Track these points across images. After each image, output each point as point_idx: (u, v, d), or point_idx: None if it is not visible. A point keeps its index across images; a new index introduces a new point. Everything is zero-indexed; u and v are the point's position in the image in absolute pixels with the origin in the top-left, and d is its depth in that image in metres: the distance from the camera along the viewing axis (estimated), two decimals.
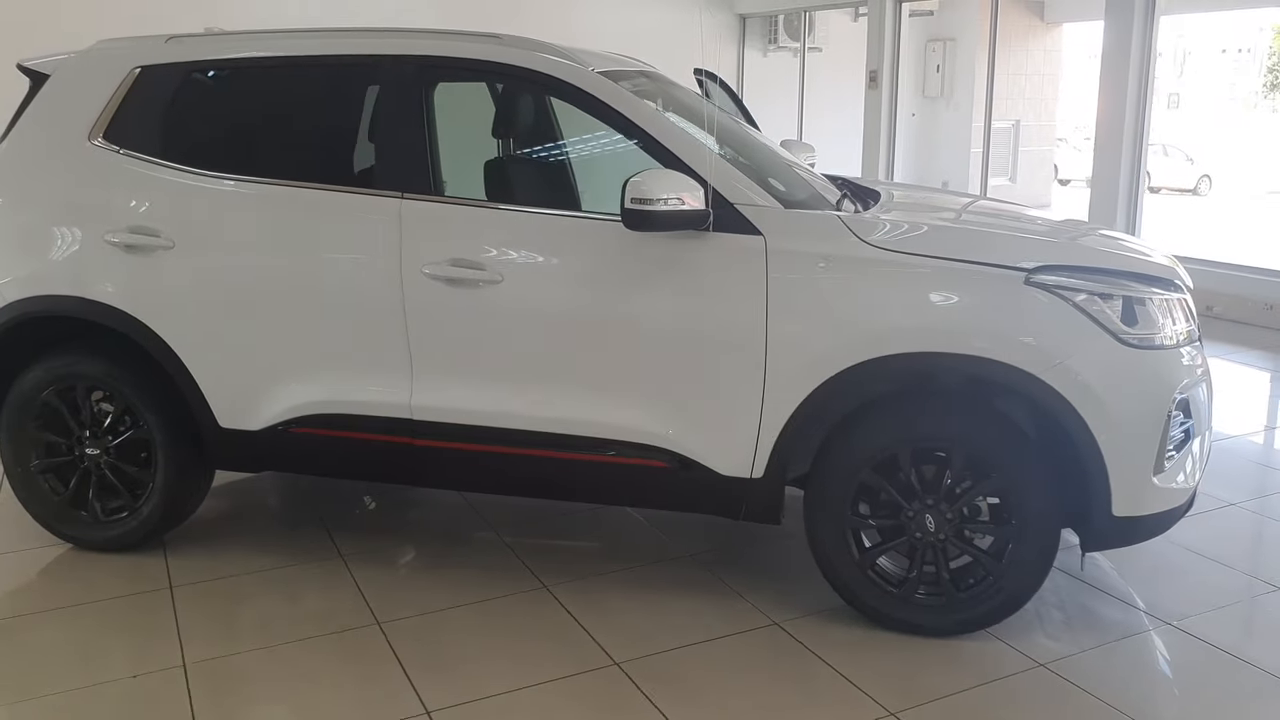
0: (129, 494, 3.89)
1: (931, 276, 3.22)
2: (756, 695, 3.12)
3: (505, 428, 3.52)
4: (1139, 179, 8.43)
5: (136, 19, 9.08)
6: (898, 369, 3.24)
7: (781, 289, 3.25)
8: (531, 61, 3.56)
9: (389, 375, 3.57)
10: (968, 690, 3.15)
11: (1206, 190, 22.60)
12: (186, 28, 4.09)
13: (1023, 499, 3.25)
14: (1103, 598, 3.74)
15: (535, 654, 3.32)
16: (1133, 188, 8.42)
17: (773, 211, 3.35)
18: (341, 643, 3.37)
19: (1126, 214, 8.43)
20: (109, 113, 3.80)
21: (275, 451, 3.76)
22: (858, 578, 3.43)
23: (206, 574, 3.81)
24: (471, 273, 3.44)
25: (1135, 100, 8.30)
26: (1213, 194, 22.42)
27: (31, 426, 3.88)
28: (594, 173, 4.24)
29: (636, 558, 4.00)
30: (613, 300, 3.40)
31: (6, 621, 3.49)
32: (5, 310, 3.80)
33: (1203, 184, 22.65)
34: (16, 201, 3.86)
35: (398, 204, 3.51)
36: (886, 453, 3.32)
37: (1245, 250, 10.51)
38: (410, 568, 3.94)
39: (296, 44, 3.79)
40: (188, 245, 3.65)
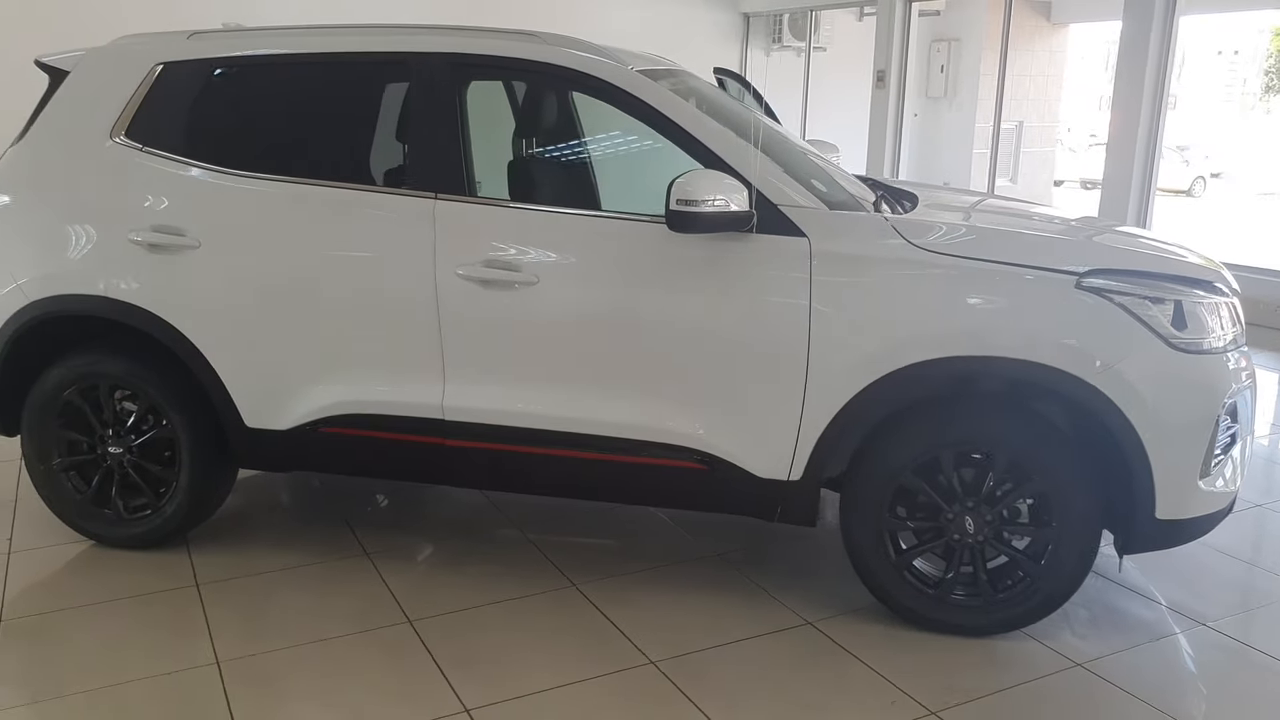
0: (152, 492, 3.86)
1: (981, 280, 3.19)
2: (795, 694, 3.10)
3: (540, 429, 3.49)
4: (1151, 181, 8.43)
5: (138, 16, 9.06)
6: (944, 373, 3.21)
7: (826, 291, 3.23)
8: (571, 60, 3.53)
9: (421, 375, 3.54)
10: (1007, 690, 3.13)
11: (1201, 192, 22.67)
12: (187, 25, 4.06)
13: (1065, 502, 3.23)
14: (1135, 598, 3.74)
15: (570, 652, 3.29)
16: (1144, 189, 8.42)
17: (817, 213, 3.32)
18: (375, 640, 3.34)
19: (1137, 215, 8.44)
20: (130, 110, 3.76)
21: (303, 451, 3.73)
22: (894, 579, 3.42)
23: (232, 571, 3.78)
24: (506, 274, 3.41)
25: (1151, 101, 8.30)
26: (1207, 195, 22.49)
27: (54, 425, 3.85)
28: (627, 173, 4.23)
29: (663, 556, 3.98)
30: (651, 302, 3.36)
31: (35, 619, 3.45)
32: (27, 309, 3.75)
33: (1197, 185, 22.73)
34: (36, 199, 3.81)
35: (431, 204, 3.48)
36: (929, 455, 3.31)
37: (1243, 251, 10.52)
38: (437, 565, 3.91)
39: (326, 40, 3.74)
40: (215, 244, 3.61)
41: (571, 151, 4.35)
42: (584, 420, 3.46)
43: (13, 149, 3.90)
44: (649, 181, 3.97)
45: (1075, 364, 3.12)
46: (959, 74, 13.28)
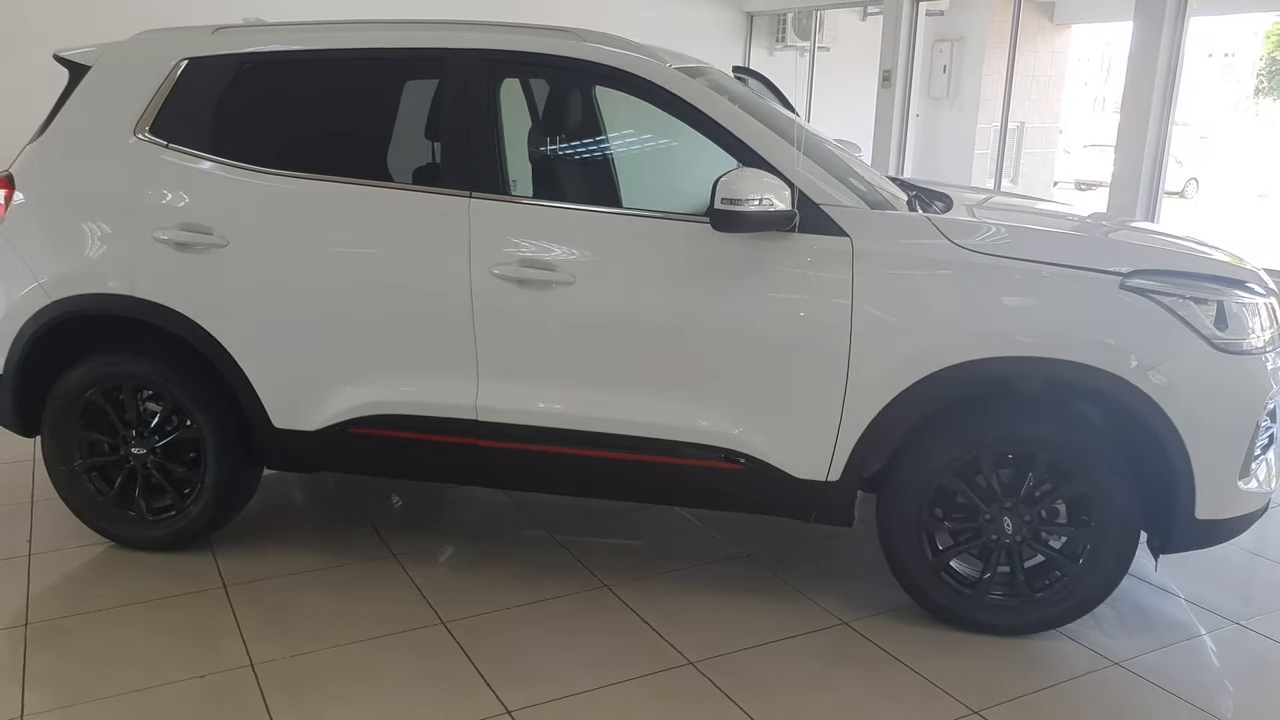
0: (176, 494, 3.81)
1: (1025, 280, 3.16)
2: (837, 694, 3.08)
3: (575, 429, 3.45)
4: (1160, 181, 8.43)
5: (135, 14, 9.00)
6: (987, 373, 3.18)
7: (868, 292, 3.19)
8: (613, 58, 3.49)
9: (454, 376, 3.50)
10: (1048, 689, 3.12)
11: (1194, 193, 22.71)
12: (186, 22, 4.02)
13: (1105, 502, 3.21)
14: (1164, 597, 3.73)
15: (608, 653, 3.26)
16: (1153, 190, 8.42)
17: (859, 212, 3.29)
18: (410, 642, 3.30)
19: (1146, 216, 8.43)
20: (155, 106, 3.71)
21: (332, 452, 3.69)
22: (931, 579, 3.39)
23: (259, 573, 3.73)
24: (543, 274, 3.37)
25: (1160, 102, 8.30)
26: (1200, 197, 22.53)
27: (76, 425, 3.80)
28: (655, 171, 4.19)
29: (692, 557, 3.95)
30: (690, 302, 3.33)
31: (61, 621, 3.40)
32: (49, 309, 3.69)
33: (1190, 187, 22.76)
34: (57, 197, 3.75)
35: (466, 203, 3.45)
36: (969, 456, 3.28)
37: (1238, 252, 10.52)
38: (465, 566, 3.87)
39: (359, 36, 3.70)
40: (243, 243, 3.56)
41: (599, 149, 4.31)
42: (620, 421, 3.42)
43: (31, 146, 3.84)
44: (677, 180, 3.96)
45: (1119, 364, 3.09)
46: (961, 74, 13.29)
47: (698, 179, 3.39)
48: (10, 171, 3.81)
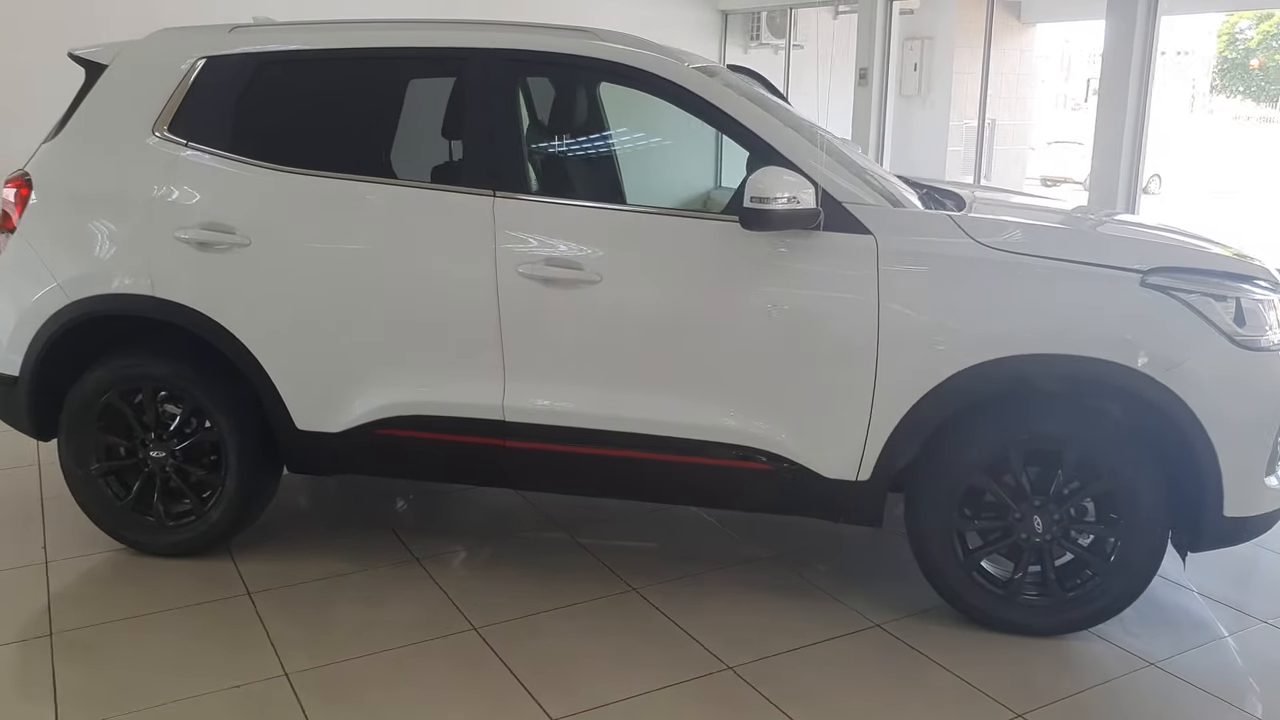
0: (196, 498, 3.75)
1: (1049, 278, 3.19)
2: (878, 698, 3.09)
3: (602, 429, 3.44)
4: (1138, 179, 8.57)
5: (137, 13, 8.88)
6: (1013, 371, 3.21)
7: (894, 290, 3.21)
8: (630, 58, 3.49)
9: (480, 376, 3.47)
10: (1089, 690, 3.15)
11: (1157, 189, 23.10)
12: (183, 22, 3.96)
13: (1134, 499, 3.25)
14: (1187, 596, 3.77)
15: (645, 659, 3.25)
16: (1131, 187, 8.55)
17: (882, 210, 3.31)
18: (444, 649, 3.27)
19: (1125, 212, 8.56)
20: (173, 105, 3.65)
21: (356, 454, 3.65)
22: (963, 579, 3.42)
23: (283, 579, 3.68)
24: (568, 272, 3.36)
25: (1135, 99, 8.43)
26: (1163, 192, 22.91)
27: (93, 429, 3.72)
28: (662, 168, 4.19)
29: (717, 559, 3.94)
30: (716, 301, 3.33)
31: (87, 631, 3.33)
32: (67, 310, 3.62)
33: (1153, 183, 23.16)
34: (75, 197, 3.68)
35: (490, 202, 3.42)
36: (998, 454, 3.31)
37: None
38: (491, 570, 3.84)
39: (378, 35, 3.66)
40: (266, 243, 3.51)
41: (621, 147, 4.30)
42: (648, 421, 3.41)
43: (47, 145, 3.77)
44: (682, 176, 3.97)
45: (1143, 361, 3.13)
46: (932, 72, 13.35)
47: (696, 175, 3.38)
48: (26, 171, 3.73)
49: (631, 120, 4.31)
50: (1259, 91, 27.61)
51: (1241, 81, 28.01)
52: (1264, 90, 27.39)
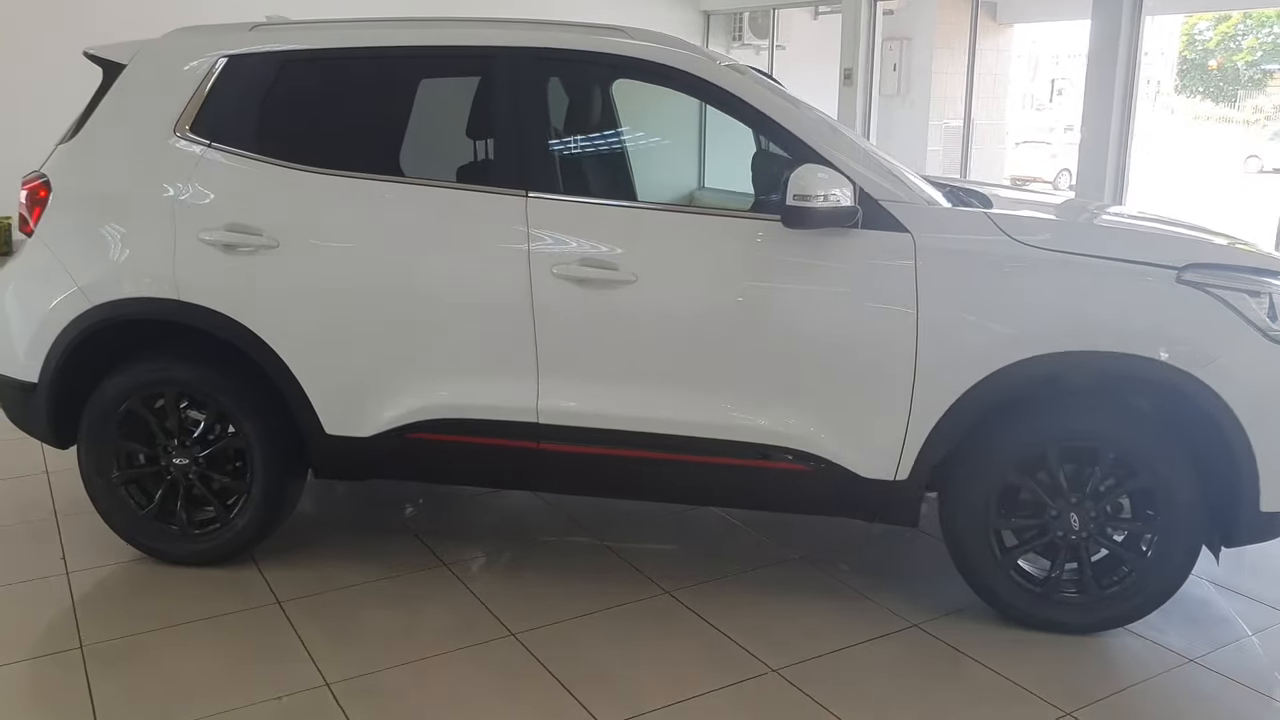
0: (220, 505, 3.68)
1: (1086, 275, 3.20)
2: (926, 698, 3.09)
3: (637, 431, 3.42)
4: (1124, 176, 8.66)
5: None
6: (1051, 368, 3.22)
7: (933, 288, 3.21)
8: (664, 56, 3.47)
9: (514, 378, 3.44)
10: (1132, 687, 3.16)
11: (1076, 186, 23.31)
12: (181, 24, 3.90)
13: (1171, 495, 3.27)
14: (1219, 591, 3.80)
15: (688, 662, 3.23)
16: (1118, 182, 8.65)
17: (919, 208, 3.31)
18: (484, 656, 3.23)
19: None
20: (195, 105, 3.59)
21: (386, 458, 3.59)
22: (1000, 578, 3.42)
23: (311, 587, 3.62)
24: (604, 273, 3.33)
25: (1121, 99, 8.53)
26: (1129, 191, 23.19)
27: (115, 436, 3.65)
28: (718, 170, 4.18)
29: (746, 561, 3.93)
30: (754, 300, 3.32)
31: (118, 643, 3.25)
32: (89, 314, 3.54)
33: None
34: (96, 199, 3.60)
35: (523, 202, 3.39)
36: (1035, 451, 3.32)
37: None
38: (520, 574, 3.79)
39: (407, 34, 3.61)
40: (294, 244, 3.45)
41: (638, 145, 4.28)
42: (686, 422, 3.39)
43: (65, 146, 3.69)
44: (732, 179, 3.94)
45: (1180, 358, 3.15)
46: (911, 73, 13.45)
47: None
48: (44, 173, 3.64)
49: (657, 120, 4.28)
50: (1217, 92, 28.09)
51: (1201, 82, 28.46)
52: (1222, 90, 27.88)
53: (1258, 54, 24.24)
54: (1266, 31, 23.90)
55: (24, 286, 3.67)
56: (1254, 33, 24.53)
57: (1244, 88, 26.20)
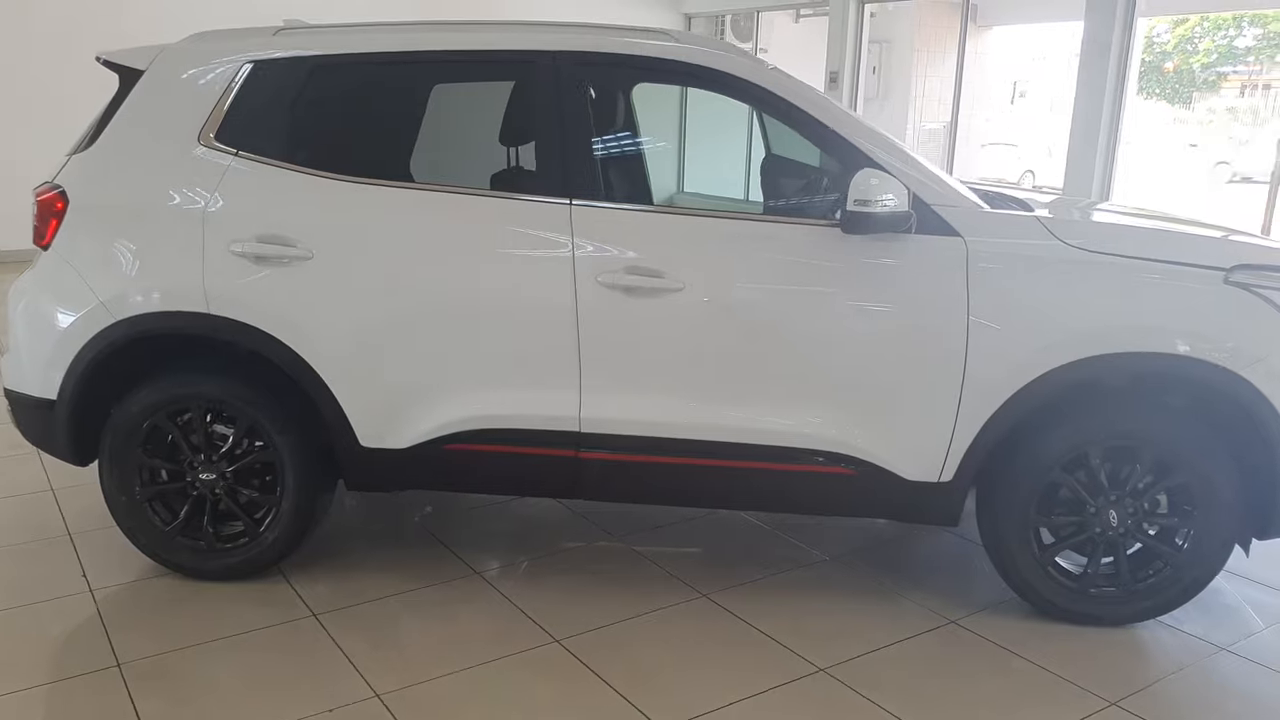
0: (249, 520, 3.64)
1: (1135, 277, 3.23)
2: (974, 693, 3.10)
3: (683, 438, 3.40)
4: (1111, 176, 8.77)
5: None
6: (1099, 369, 3.23)
7: (984, 292, 3.22)
8: (714, 60, 3.45)
9: (556, 386, 3.41)
10: (1172, 675, 3.20)
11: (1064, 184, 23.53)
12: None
13: (1211, 491, 3.30)
14: (1241, 582, 3.84)
15: (737, 664, 3.23)
16: (1105, 182, 8.76)
17: (969, 212, 3.32)
18: (531, 663, 3.21)
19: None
20: (220, 112, 3.53)
21: (423, 470, 3.55)
22: (1039, 574, 3.44)
23: (344, 599, 3.58)
24: (650, 280, 3.32)
25: (1111, 99, 8.63)
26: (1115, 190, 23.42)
27: (139, 452, 3.59)
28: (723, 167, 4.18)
29: (777, 562, 3.93)
30: (801, 306, 3.32)
31: (157, 660, 3.20)
32: (114, 329, 3.47)
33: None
34: (120, 210, 3.53)
35: (567, 209, 3.37)
36: (1080, 451, 3.34)
37: None
38: (554, 580, 3.76)
39: (442, 38, 3.56)
40: (330, 255, 3.41)
41: (682, 149, 4.27)
42: (731, 428, 3.39)
43: (80, 156, 3.61)
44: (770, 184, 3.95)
45: (1228, 358, 3.18)
46: (891, 75, 13.57)
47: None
48: (59, 183, 3.58)
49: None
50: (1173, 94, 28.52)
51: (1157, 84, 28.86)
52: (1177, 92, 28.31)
53: (1213, 56, 24.67)
54: (1222, 35, 24.34)
55: (41, 301, 3.60)
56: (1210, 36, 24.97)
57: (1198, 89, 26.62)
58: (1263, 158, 19.08)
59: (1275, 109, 23.99)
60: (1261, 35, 23.36)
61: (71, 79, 9.89)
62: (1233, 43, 24.54)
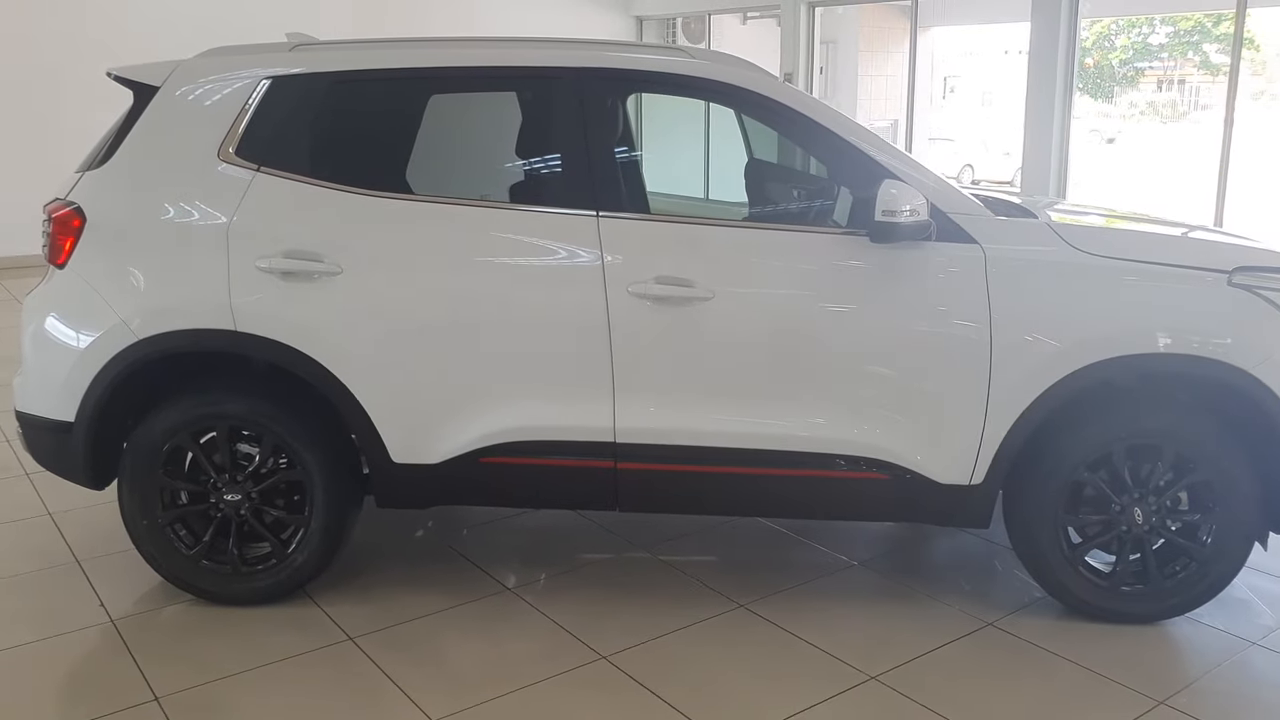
0: (276, 541, 3.55)
1: (1144, 280, 3.32)
2: (1024, 695, 3.15)
3: (717, 447, 3.41)
4: (1066, 169, 8.98)
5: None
6: (1115, 371, 3.31)
7: (1003, 297, 3.28)
8: (733, 77, 3.47)
9: (590, 398, 3.39)
10: (1213, 671, 3.28)
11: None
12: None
13: (1229, 487, 3.39)
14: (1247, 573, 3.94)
15: (787, 675, 3.23)
16: (1061, 177, 8.96)
17: (985, 220, 3.38)
18: (585, 681, 3.18)
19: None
20: (239, 127, 3.44)
21: (456, 484, 3.50)
22: (1070, 574, 3.50)
23: (380, 621, 3.51)
24: (680, 290, 3.32)
25: (1062, 96, 8.84)
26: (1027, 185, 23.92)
27: (160, 474, 3.48)
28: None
29: (806, 570, 3.94)
30: (830, 314, 3.35)
31: (194, 693, 3.10)
32: (136, 348, 3.37)
33: (1018, 176, 24.16)
34: (140, 227, 3.42)
35: (594, 222, 3.35)
36: (1102, 451, 3.41)
37: None
38: (589, 595, 3.72)
39: (465, 54, 3.54)
40: (359, 270, 3.35)
41: (708, 162, 4.27)
42: (765, 436, 3.40)
43: (95, 173, 3.49)
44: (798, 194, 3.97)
45: (1235, 356, 3.28)
46: (837, 75, 13.72)
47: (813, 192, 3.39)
48: (75, 200, 3.46)
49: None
50: (1094, 88, 29.34)
51: (1079, 79, 29.71)
52: (1099, 87, 29.13)
53: (1129, 53, 25.41)
54: (1137, 32, 25.08)
55: (58, 321, 3.48)
56: (1125, 33, 25.70)
57: (1118, 84, 27.38)
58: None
59: (1192, 102, 24.77)
60: (1173, 33, 24.12)
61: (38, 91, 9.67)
62: (1147, 39, 25.26)
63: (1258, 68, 21.17)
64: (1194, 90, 24.55)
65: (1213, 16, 21.95)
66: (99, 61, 3.65)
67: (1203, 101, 23.96)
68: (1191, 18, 23.25)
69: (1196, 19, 23.19)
